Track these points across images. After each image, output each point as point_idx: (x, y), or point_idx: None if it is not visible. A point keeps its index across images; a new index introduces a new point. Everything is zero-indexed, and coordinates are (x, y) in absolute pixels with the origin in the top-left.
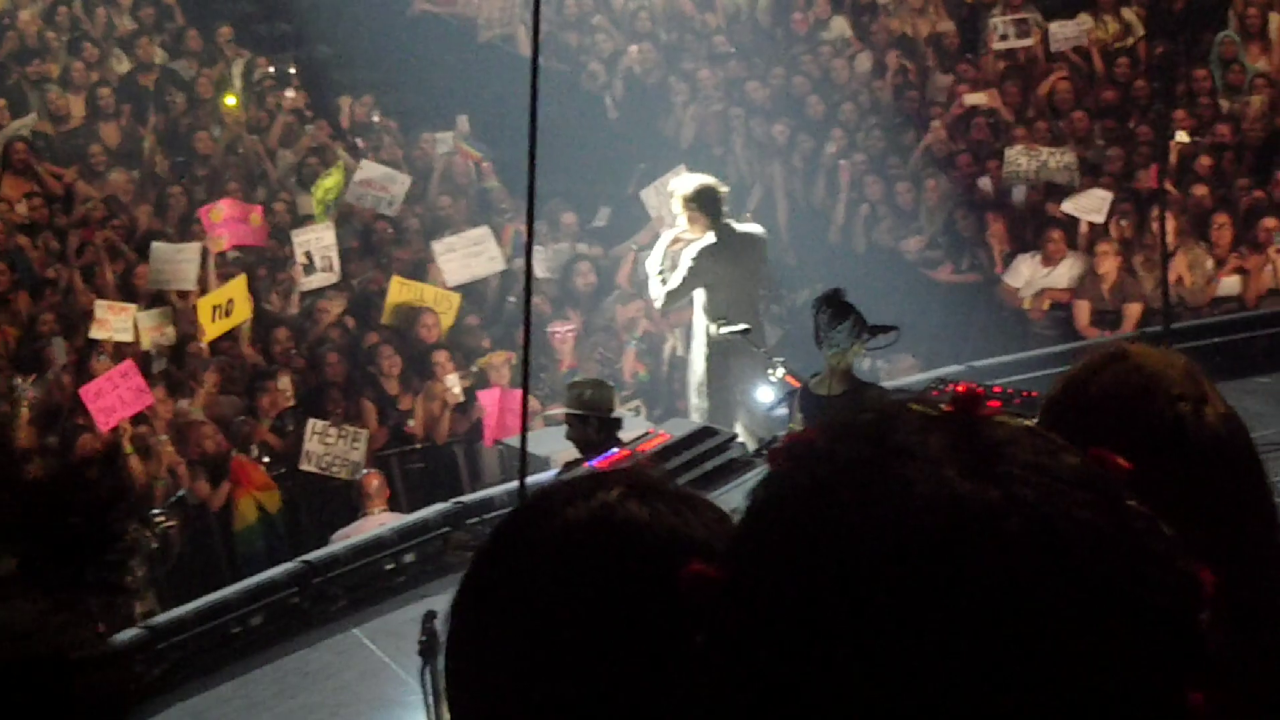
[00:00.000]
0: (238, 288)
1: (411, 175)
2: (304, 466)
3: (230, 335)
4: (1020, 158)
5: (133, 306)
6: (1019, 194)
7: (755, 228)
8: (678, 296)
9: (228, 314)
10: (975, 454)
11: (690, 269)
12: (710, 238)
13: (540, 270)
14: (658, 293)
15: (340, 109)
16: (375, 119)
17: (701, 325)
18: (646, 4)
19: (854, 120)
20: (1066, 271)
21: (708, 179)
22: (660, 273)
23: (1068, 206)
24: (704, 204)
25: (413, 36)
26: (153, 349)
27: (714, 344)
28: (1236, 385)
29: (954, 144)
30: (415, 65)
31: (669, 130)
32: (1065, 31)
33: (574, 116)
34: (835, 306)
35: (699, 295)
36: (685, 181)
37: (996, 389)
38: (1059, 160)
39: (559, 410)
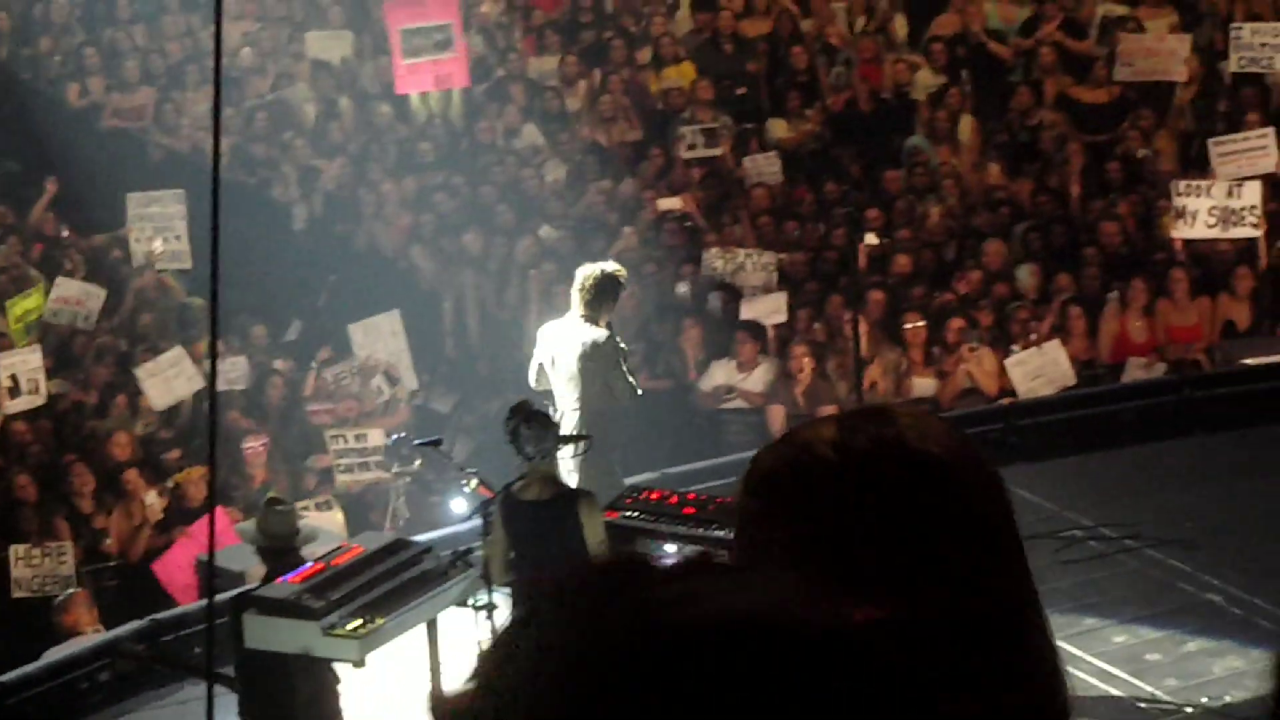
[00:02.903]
0: None
1: (107, 290)
2: (17, 594)
3: None
4: (716, 260)
5: None
6: (714, 300)
7: None
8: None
9: None
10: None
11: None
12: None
13: (240, 383)
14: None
15: (30, 226)
16: (65, 234)
17: None
18: (338, 115)
19: (550, 233)
20: (761, 376)
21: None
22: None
23: (746, 313)
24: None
25: (102, 150)
26: None
27: None
28: None
29: (647, 250)
30: (106, 179)
31: (359, 242)
32: (758, 165)
33: (263, 229)
34: (538, 416)
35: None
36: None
37: (690, 495)
38: (756, 261)
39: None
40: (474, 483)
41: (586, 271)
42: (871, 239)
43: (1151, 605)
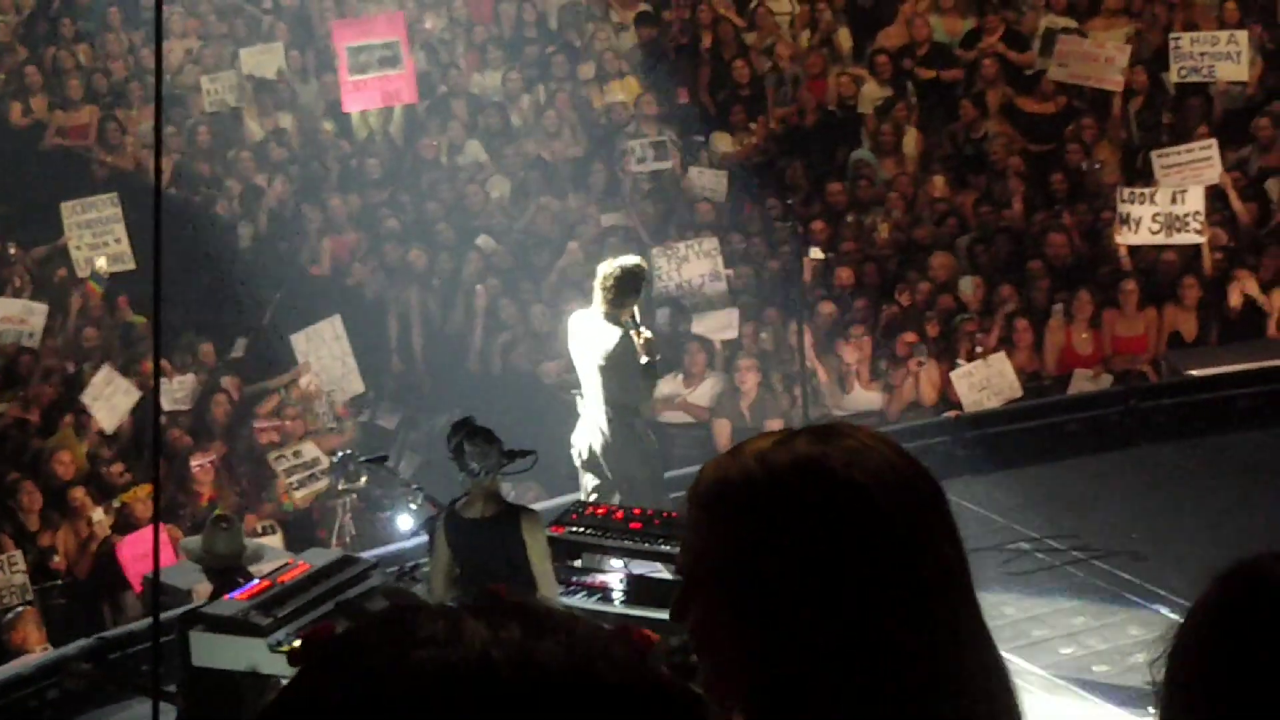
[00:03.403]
0: None
1: (49, 307)
2: None
3: None
4: (660, 259)
5: None
6: (662, 315)
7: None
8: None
9: None
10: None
11: None
12: None
13: (185, 403)
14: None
15: None
16: (11, 251)
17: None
18: (281, 132)
19: (488, 243)
20: (707, 390)
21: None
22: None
23: (698, 328)
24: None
25: (46, 169)
26: None
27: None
28: None
29: (591, 264)
30: (50, 198)
31: (304, 259)
32: (704, 181)
33: (208, 246)
34: (481, 433)
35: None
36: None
37: (636, 510)
38: (699, 250)
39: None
40: (420, 499)
41: (607, 269)
42: (816, 253)
43: (1099, 617)
